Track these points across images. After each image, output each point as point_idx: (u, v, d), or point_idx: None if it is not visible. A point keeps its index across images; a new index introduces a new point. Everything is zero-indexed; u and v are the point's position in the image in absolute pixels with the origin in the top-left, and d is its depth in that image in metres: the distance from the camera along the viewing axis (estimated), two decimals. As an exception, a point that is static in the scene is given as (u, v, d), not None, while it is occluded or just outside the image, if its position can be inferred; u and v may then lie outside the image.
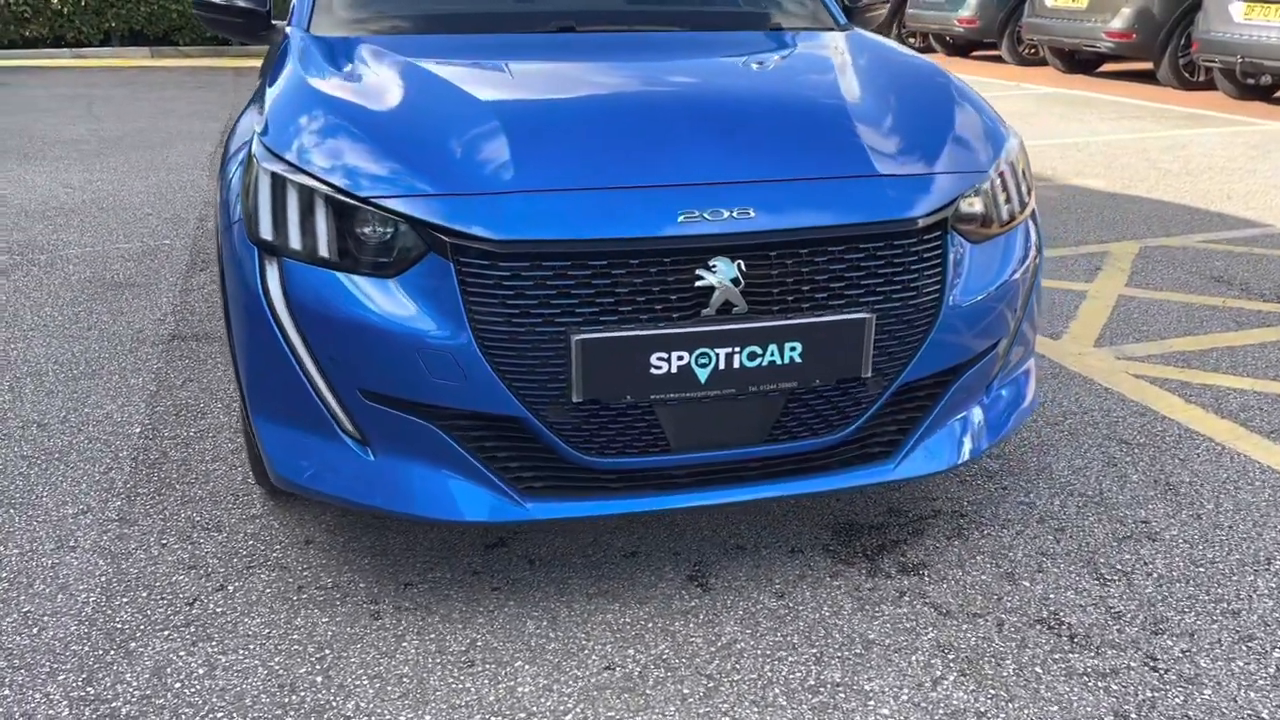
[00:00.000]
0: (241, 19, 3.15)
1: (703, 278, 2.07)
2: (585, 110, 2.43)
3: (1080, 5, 10.96)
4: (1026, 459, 2.99)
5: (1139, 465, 2.95)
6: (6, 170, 7.00)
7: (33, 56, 14.45)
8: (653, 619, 2.27)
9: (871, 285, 2.16)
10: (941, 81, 2.69)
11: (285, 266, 2.15)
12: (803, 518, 2.67)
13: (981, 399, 2.48)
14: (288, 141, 2.24)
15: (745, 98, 2.55)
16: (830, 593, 2.37)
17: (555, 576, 2.42)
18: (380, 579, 2.41)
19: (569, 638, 2.21)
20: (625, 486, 2.21)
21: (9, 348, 3.85)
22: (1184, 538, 2.58)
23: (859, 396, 2.24)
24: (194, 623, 2.25)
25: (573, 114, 2.39)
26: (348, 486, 2.21)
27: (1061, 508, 2.72)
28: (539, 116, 2.36)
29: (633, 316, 2.05)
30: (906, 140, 2.37)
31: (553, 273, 2.03)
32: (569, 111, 2.41)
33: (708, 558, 2.50)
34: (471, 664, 2.13)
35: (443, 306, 2.04)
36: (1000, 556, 2.51)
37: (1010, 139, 2.55)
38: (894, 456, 2.34)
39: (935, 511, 2.71)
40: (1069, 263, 4.87)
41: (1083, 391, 3.44)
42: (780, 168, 2.23)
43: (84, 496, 2.78)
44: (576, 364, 2.04)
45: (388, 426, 2.16)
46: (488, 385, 2.06)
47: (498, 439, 2.15)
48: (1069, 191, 6.32)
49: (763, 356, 2.11)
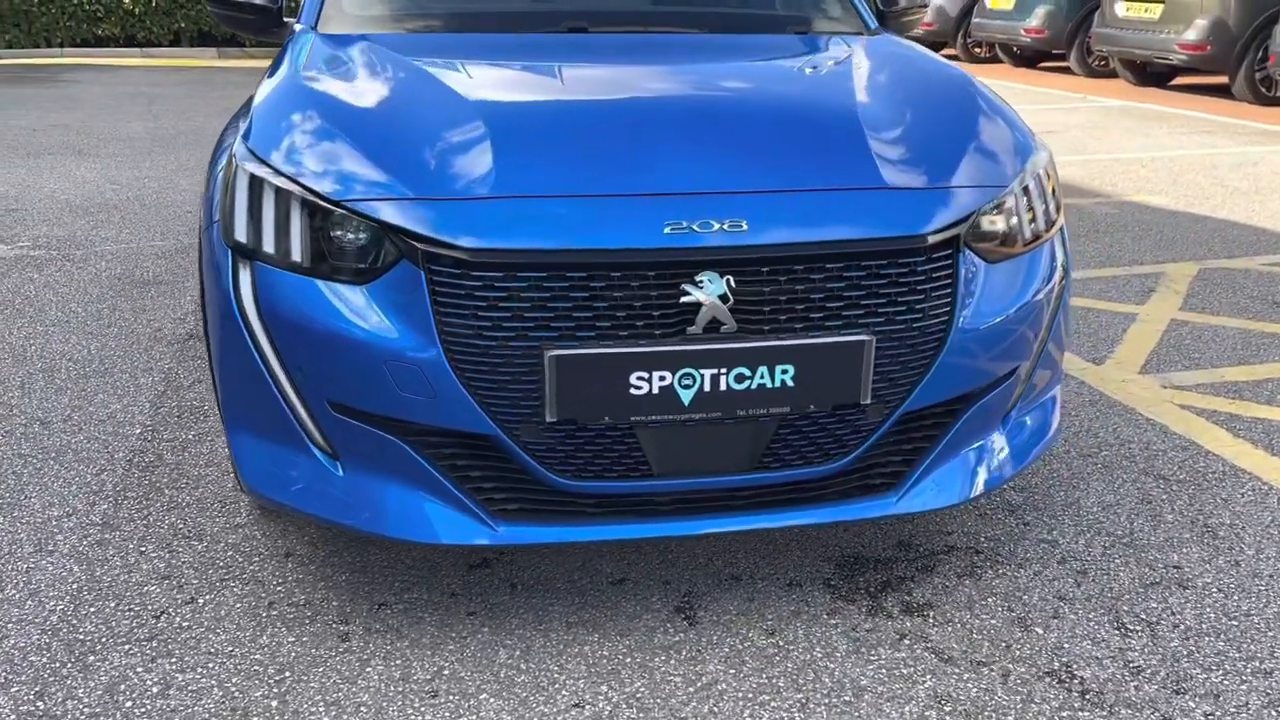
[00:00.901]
0: (254, 16, 3.09)
1: (688, 293, 1.94)
2: (577, 115, 2.31)
3: (1153, 15, 10.60)
4: (1054, 493, 2.80)
5: (1176, 504, 2.75)
6: (59, 166, 7.09)
7: (103, 55, 14.77)
8: (632, 653, 2.14)
9: (872, 306, 2.01)
10: (966, 90, 2.53)
11: (258, 270, 2.07)
12: (805, 548, 2.52)
13: (998, 428, 2.31)
14: (269, 142, 2.16)
15: (749, 104, 2.42)
16: (825, 632, 2.22)
17: (536, 603, 2.30)
18: (355, 598, 2.31)
19: (541, 670, 2.09)
20: (603, 512, 2.09)
21: (29, 343, 3.84)
22: (1218, 586, 2.39)
23: (858, 424, 2.09)
24: (157, 637, 2.17)
25: (563, 118, 2.28)
26: (315, 501, 2.11)
27: (1087, 548, 2.54)
28: (527, 120, 2.25)
29: (611, 333, 1.93)
30: (920, 151, 2.22)
31: (527, 284, 1.91)
32: (559, 116, 2.30)
33: (699, 588, 2.37)
34: (435, 694, 2.02)
35: (412, 317, 1.94)
36: (1014, 599, 2.33)
37: (1038, 153, 2.38)
38: (897, 489, 2.18)
39: (949, 547, 2.54)
40: (1120, 283, 4.64)
41: (1122, 422, 3.23)
42: (778, 178, 2.10)
43: (71, 499, 2.73)
44: (550, 381, 1.92)
45: (356, 441, 2.06)
46: (457, 401, 1.95)
47: (470, 458, 2.04)
48: (1129, 208, 6.06)
49: (752, 379, 1.97)
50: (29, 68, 13.42)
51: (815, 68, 2.77)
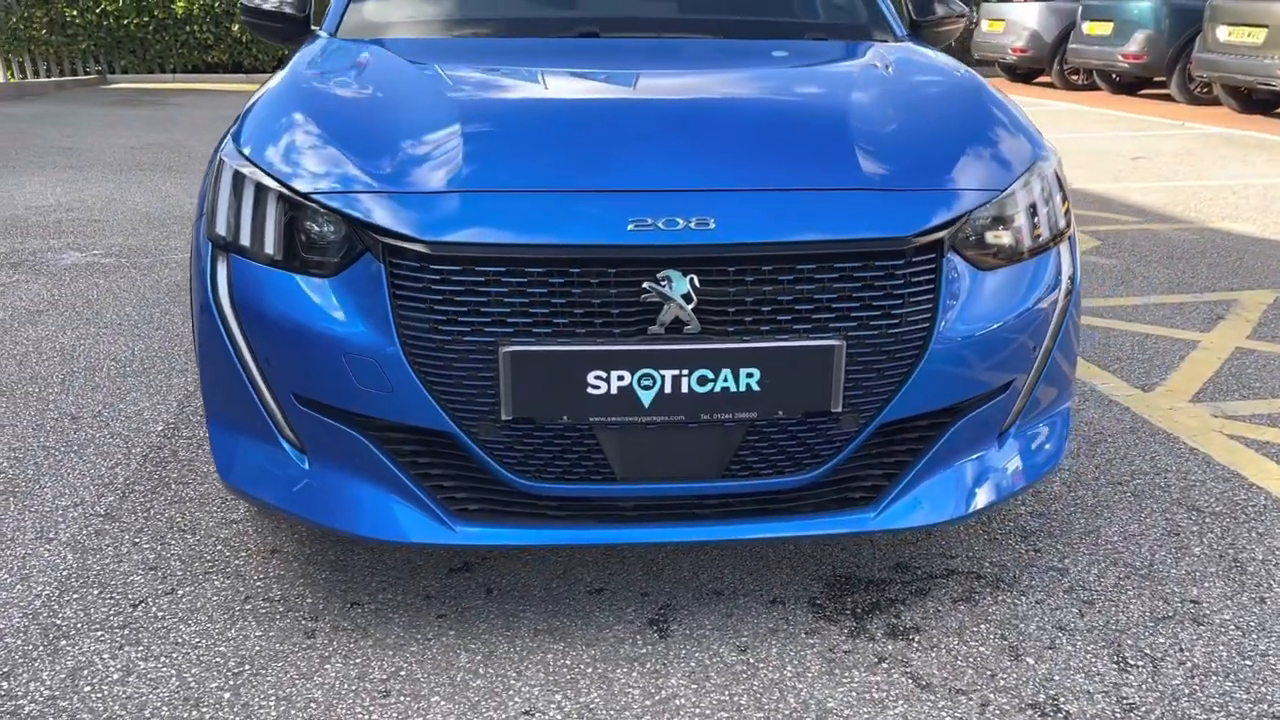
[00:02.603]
0: (282, 24, 3.15)
1: (650, 292, 1.88)
2: (554, 114, 2.29)
3: (1256, 40, 10.17)
4: (1074, 520, 2.65)
5: (1206, 537, 2.57)
6: (147, 181, 7.37)
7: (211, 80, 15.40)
8: (595, 663, 2.08)
9: (844, 310, 1.93)
10: (972, 95, 2.43)
11: (234, 263, 2.08)
12: (796, 565, 2.42)
13: (993, 445, 2.19)
14: (253, 140, 2.18)
15: (735, 105, 2.36)
16: (800, 651, 2.12)
17: (508, 608, 2.26)
18: (329, 595, 2.30)
19: (498, 676, 2.04)
20: (565, 516, 2.04)
21: (79, 343, 3.97)
22: (1236, 624, 2.22)
23: (831, 433, 2.00)
24: (131, 625, 2.19)
25: (539, 117, 2.25)
26: (284, 495, 2.11)
27: (1099, 578, 2.39)
28: (502, 119, 2.23)
29: (569, 330, 1.88)
30: (909, 154, 2.13)
31: (484, 279, 1.88)
32: (536, 115, 2.27)
33: (677, 600, 2.29)
34: (387, 694, 1.99)
35: (372, 311, 1.93)
36: (1009, 627, 2.20)
37: (1044, 159, 2.26)
38: (876, 504, 2.08)
39: (949, 570, 2.42)
40: (1187, 310, 4.42)
41: (1162, 450, 3.05)
42: (751, 177, 2.03)
43: (81, 490, 2.79)
44: (505, 378, 1.88)
45: (321, 435, 2.05)
46: (414, 397, 1.93)
47: (430, 455, 2.01)
48: (1209, 235, 5.79)
49: (715, 382, 1.91)
50: (142, 92, 14.06)
51: (817, 72, 2.69)
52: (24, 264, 5.16)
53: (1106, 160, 8.44)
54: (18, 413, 3.31)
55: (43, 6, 14.89)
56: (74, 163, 8.11)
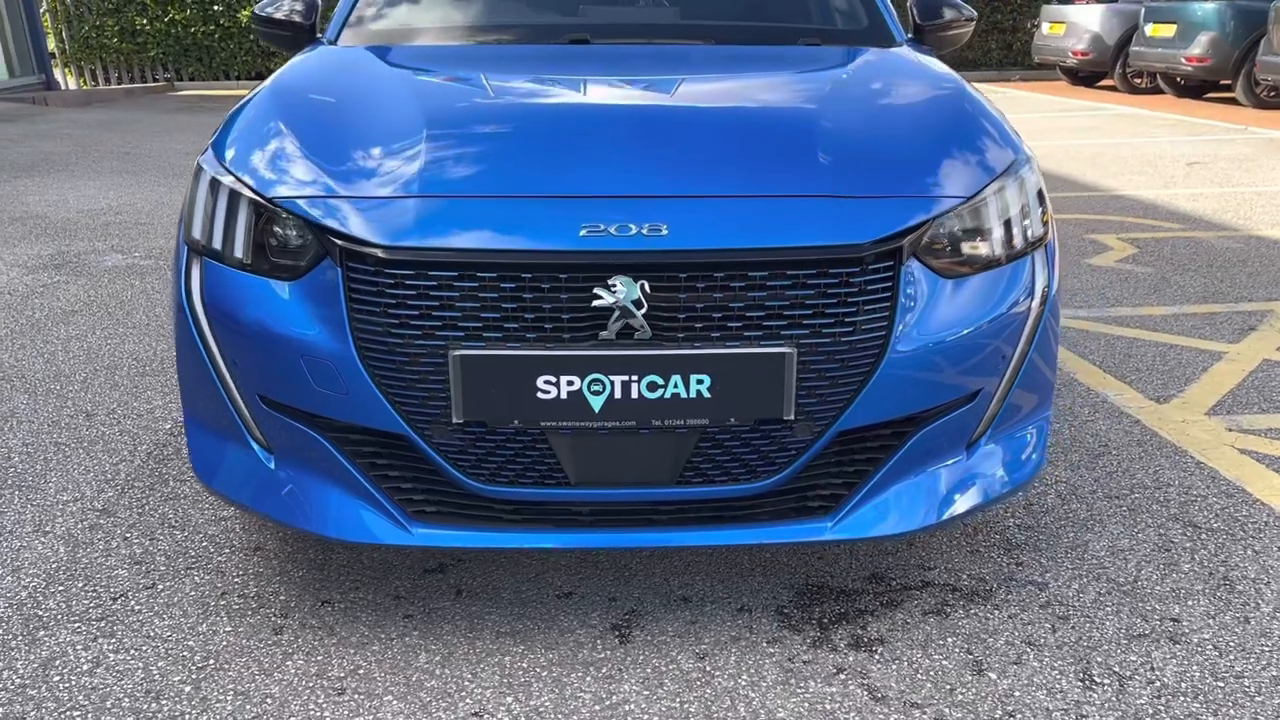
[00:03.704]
0: (289, 32, 3.22)
1: (600, 297, 1.89)
2: (520, 120, 2.31)
3: (1323, 42, 9.85)
4: (1062, 533, 2.60)
5: (1198, 554, 2.50)
6: (196, 185, 7.54)
7: (273, 86, 15.67)
8: (551, 667, 2.09)
9: (796, 317, 1.91)
10: (949, 100, 2.40)
11: (206, 266, 2.13)
12: (768, 573, 2.41)
13: (960, 455, 2.16)
14: (229, 145, 2.24)
15: (702, 111, 2.36)
16: (758, 660, 2.11)
17: (474, 610, 2.28)
18: (303, 593, 2.34)
19: (453, 677, 2.06)
20: (521, 519, 2.05)
21: (106, 343, 4.09)
22: (1215, 644, 2.16)
23: (785, 441, 1.99)
24: (108, 618, 2.25)
25: (504, 123, 2.27)
26: (253, 495, 2.16)
27: (1078, 594, 2.33)
28: (468, 124, 2.25)
29: (519, 334, 1.90)
30: (874, 161, 2.11)
31: (436, 283, 1.90)
32: (499, 121, 2.29)
33: (644, 606, 2.29)
34: (341, 692, 2.02)
35: (329, 314, 1.96)
36: (976, 642, 2.17)
37: (1020, 166, 2.21)
38: (834, 513, 2.06)
39: (924, 582, 2.38)
40: (1218, 320, 4.30)
41: (1167, 464, 2.98)
42: (707, 183, 2.03)
43: (83, 485, 2.87)
44: (456, 382, 1.90)
45: (285, 436, 2.09)
46: (369, 399, 1.96)
47: (388, 457, 2.04)
48: (1254, 243, 5.62)
49: (664, 388, 1.91)
50: (204, 98, 14.42)
51: (794, 78, 2.67)
52: (67, 265, 5.33)
53: (1160, 165, 8.24)
54: (36, 409, 3.42)
55: (114, 16, 15.36)
56: (130, 167, 8.35)
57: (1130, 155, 8.77)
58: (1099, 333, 4.16)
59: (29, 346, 4.06)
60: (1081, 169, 8.17)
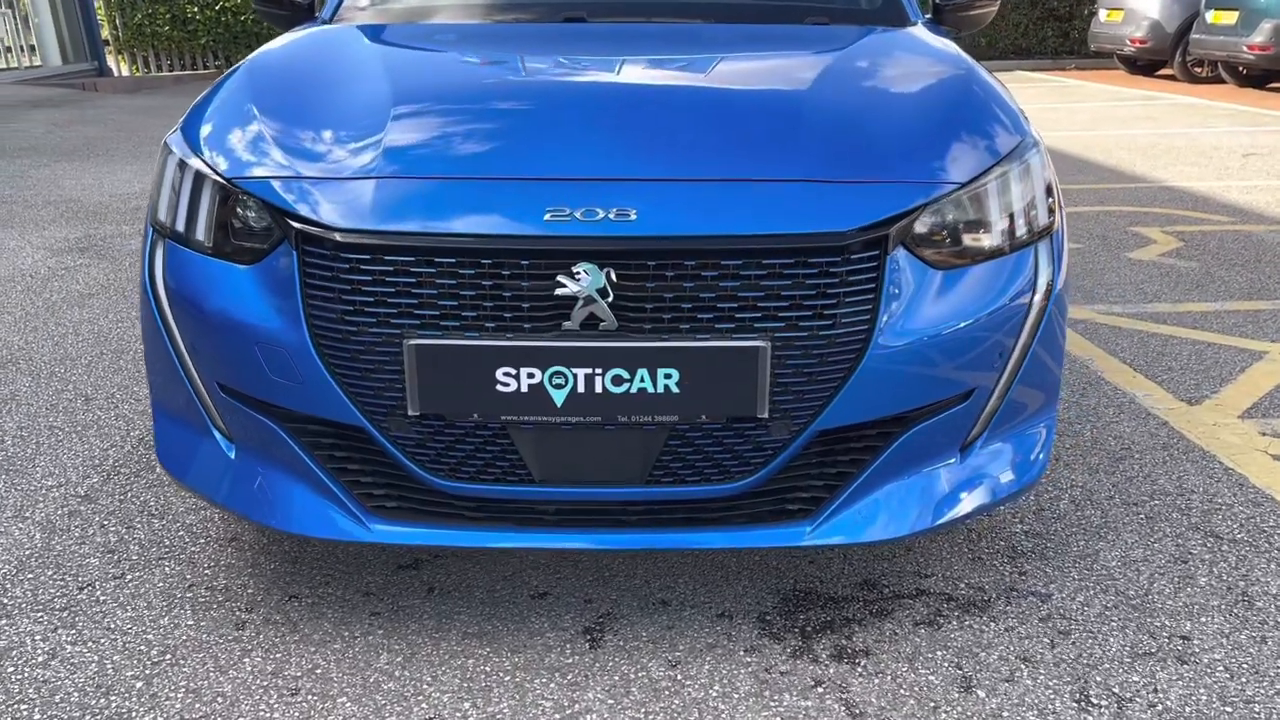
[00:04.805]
0: (288, 11, 3.16)
1: (564, 286, 1.79)
2: (490, 99, 2.21)
3: (1393, 29, 9.44)
4: (1072, 541, 2.45)
5: (1217, 566, 2.35)
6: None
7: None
8: (515, 671, 2.00)
9: (771, 309, 1.80)
10: (955, 83, 2.25)
11: (169, 249, 2.07)
12: (756, 576, 2.30)
13: (953, 458, 2.03)
14: (197, 126, 2.17)
15: (683, 91, 2.24)
16: (733, 670, 2.00)
17: (445, 609, 2.20)
18: (271, 587, 2.28)
19: (413, 679, 1.98)
20: (484, 517, 1.96)
21: (116, 326, 4.07)
22: (1226, 665, 2.01)
23: (760, 440, 1.87)
24: (72, 608, 2.20)
25: (474, 102, 2.18)
26: (213, 485, 2.09)
27: (1083, 607, 2.19)
28: (436, 103, 2.16)
29: (477, 323, 1.80)
30: (862, 144, 1.98)
31: (392, 269, 1.81)
32: (467, 100, 2.20)
33: (620, 609, 2.19)
34: (295, 692, 1.94)
35: (284, 299, 1.88)
36: (968, 656, 2.04)
37: (1026, 151, 2.07)
38: (814, 517, 1.95)
39: (920, 590, 2.26)
40: (1261, 318, 4.09)
41: (1193, 469, 2.81)
42: (681, 166, 1.91)
43: (69, 470, 2.83)
44: (411, 372, 1.81)
45: (244, 425, 2.02)
46: (324, 389, 1.87)
47: (348, 450, 1.96)
48: (1308, 237, 5.37)
49: (631, 382, 1.80)
50: (252, 84, 14.48)
51: (790, 58, 2.53)
52: (92, 249, 5.34)
53: (1215, 157, 7.94)
54: (37, 392, 3.40)
55: (165, 3, 15.51)
56: (167, 152, 8.39)
57: (1184, 146, 8.48)
58: (1132, 329, 3.97)
59: (41, 329, 4.05)
60: (1132, 159, 7.90)
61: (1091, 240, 5.40)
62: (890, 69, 2.35)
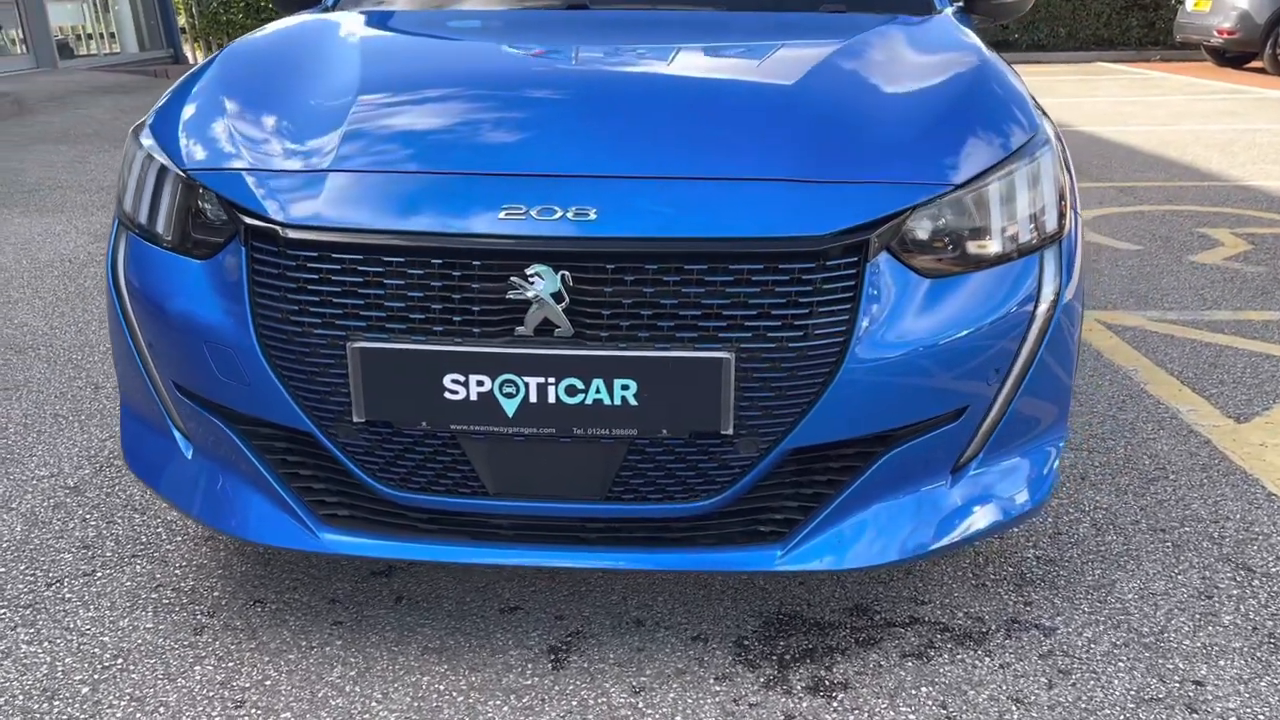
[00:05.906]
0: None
1: (517, 288, 1.68)
2: (455, 88, 2.10)
3: None
4: (1087, 569, 2.28)
5: (1245, 603, 2.16)
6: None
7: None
8: (469, 692, 1.90)
9: (736, 318, 1.67)
10: (967, 78, 2.09)
11: (130, 242, 2.01)
12: (739, 596, 2.17)
13: (943, 481, 1.88)
14: (164, 116, 2.10)
15: (665, 83, 2.11)
16: (699, 699, 1.88)
17: (409, 621, 2.11)
18: (238, 590, 2.21)
19: (362, 695, 1.89)
20: (436, 530, 1.86)
21: (142, 314, 4.06)
22: (1240, 716, 1.83)
23: (725, 458, 1.75)
24: (35, 606, 2.16)
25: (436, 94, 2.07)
26: (171, 486, 2.03)
27: (1089, 644, 2.03)
28: (399, 93, 2.06)
29: (424, 327, 1.70)
30: (849, 142, 1.83)
31: (339, 267, 1.72)
32: (433, 90, 2.09)
33: (591, 628, 2.08)
34: (240, 705, 1.87)
35: (232, 297, 1.80)
36: (954, 694, 1.89)
37: (1036, 150, 1.90)
38: (785, 541, 1.81)
39: (912, 618, 2.11)
40: (1327, 328, 3.83)
41: (1232, 494, 2.61)
42: (647, 163, 1.79)
43: (64, 460, 2.81)
44: (356, 377, 1.72)
45: (199, 427, 1.95)
46: (270, 391, 1.79)
47: (299, 455, 1.88)
48: (1390, 242, 5.04)
49: (585, 393, 1.69)
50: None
51: (788, 48, 2.37)
52: (134, 234, 5.36)
53: (1298, 154, 7.54)
54: (49, 378, 3.40)
55: (239, -9, 15.75)
56: (225, 138, 8.46)
57: (1267, 143, 8.07)
58: (1185, 338, 3.74)
59: (67, 315, 4.07)
60: (1208, 156, 7.54)
61: (1153, 241, 5.13)
62: (893, 61, 2.19)
